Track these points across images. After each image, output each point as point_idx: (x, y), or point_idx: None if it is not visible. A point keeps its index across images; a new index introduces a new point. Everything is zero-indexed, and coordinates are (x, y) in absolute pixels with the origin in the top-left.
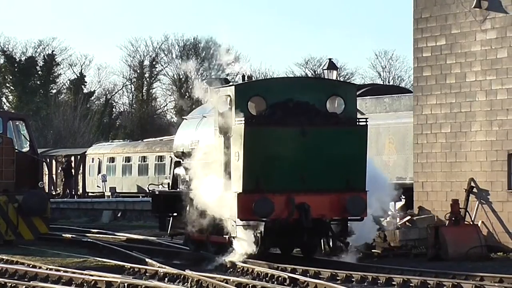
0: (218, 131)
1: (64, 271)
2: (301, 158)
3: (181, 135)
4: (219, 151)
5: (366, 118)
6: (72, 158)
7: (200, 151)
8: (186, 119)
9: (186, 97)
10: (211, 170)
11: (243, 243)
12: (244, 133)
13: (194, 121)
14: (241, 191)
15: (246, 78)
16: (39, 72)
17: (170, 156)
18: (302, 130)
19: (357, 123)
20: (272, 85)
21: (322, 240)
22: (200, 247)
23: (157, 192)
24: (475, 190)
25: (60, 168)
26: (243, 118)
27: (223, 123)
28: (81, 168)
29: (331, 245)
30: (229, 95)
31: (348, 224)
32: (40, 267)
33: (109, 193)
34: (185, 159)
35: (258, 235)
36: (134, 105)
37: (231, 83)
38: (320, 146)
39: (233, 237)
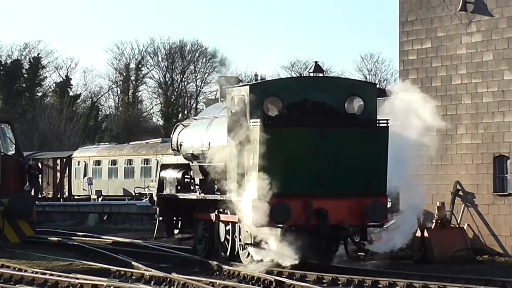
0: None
1: (50, 275)
2: (319, 161)
3: (190, 137)
4: (232, 154)
5: (387, 120)
6: (58, 162)
7: (211, 153)
8: (195, 119)
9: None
10: (223, 174)
11: (258, 251)
12: (260, 135)
13: (205, 122)
14: (256, 196)
15: (259, 78)
16: (25, 75)
17: (156, 159)
18: (321, 132)
19: (378, 125)
20: (289, 84)
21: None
22: (211, 254)
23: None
24: (461, 193)
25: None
26: (258, 119)
27: (236, 125)
28: (66, 171)
29: (349, 252)
30: (243, 95)
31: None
32: (25, 271)
33: (95, 196)
34: (195, 161)
35: (274, 242)
36: (120, 108)
37: (245, 83)
38: (339, 148)
39: (248, 244)
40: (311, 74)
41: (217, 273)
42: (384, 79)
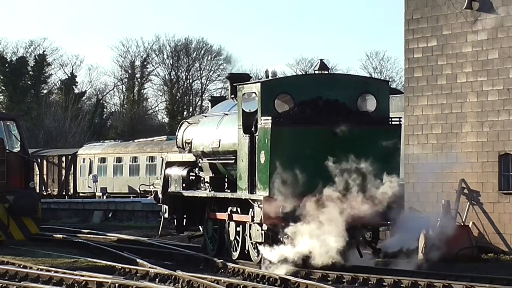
0: (242, 130)
1: (55, 272)
2: (331, 159)
3: (200, 134)
4: (243, 151)
5: (400, 117)
6: (63, 159)
7: (221, 150)
8: (205, 116)
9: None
10: (234, 171)
11: (270, 249)
12: (271, 133)
13: (215, 119)
14: (267, 194)
15: (270, 75)
16: (30, 72)
17: (161, 157)
18: (333, 130)
19: (390, 123)
20: (301, 81)
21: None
22: (221, 253)
23: (174, 193)
24: (466, 191)
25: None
26: (269, 117)
27: (247, 122)
28: (72, 169)
29: (361, 251)
30: (255, 92)
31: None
32: (30, 268)
33: (100, 194)
34: (205, 159)
35: (285, 240)
36: (125, 106)
37: (257, 80)
38: (351, 147)
39: (259, 243)
40: (316, 72)
41: (222, 271)
42: (390, 77)
